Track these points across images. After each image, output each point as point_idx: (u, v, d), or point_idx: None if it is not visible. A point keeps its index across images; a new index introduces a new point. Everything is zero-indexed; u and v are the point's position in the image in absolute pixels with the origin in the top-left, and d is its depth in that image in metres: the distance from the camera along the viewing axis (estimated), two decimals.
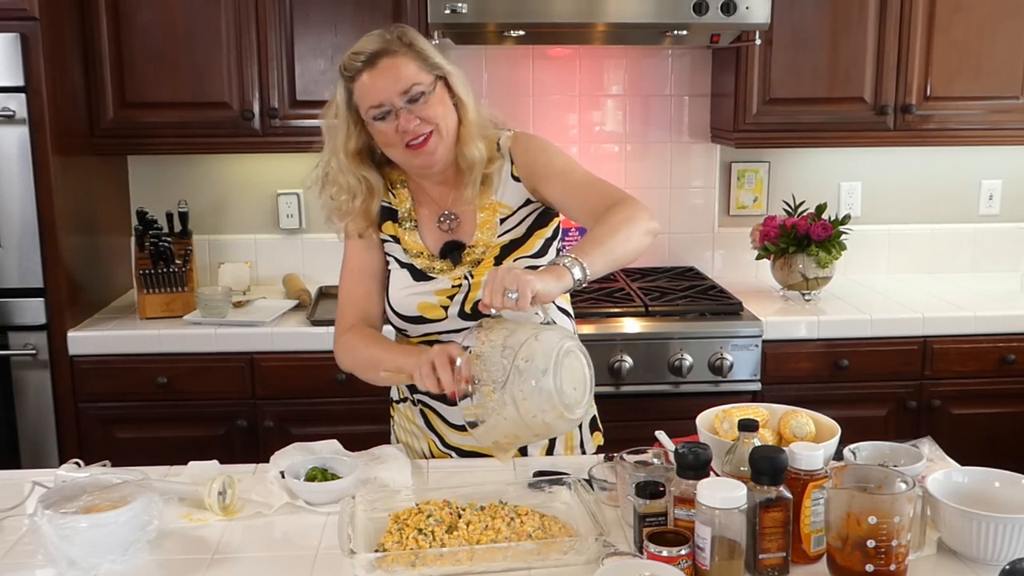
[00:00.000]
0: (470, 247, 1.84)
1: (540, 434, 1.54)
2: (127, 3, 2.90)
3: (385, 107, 1.72)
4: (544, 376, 1.45)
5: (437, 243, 1.86)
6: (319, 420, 2.77)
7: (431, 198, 1.89)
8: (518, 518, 1.48)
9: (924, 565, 1.40)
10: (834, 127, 3.11)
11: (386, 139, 1.76)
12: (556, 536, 1.45)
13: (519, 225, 1.85)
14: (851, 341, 2.92)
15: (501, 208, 1.85)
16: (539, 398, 1.45)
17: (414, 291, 1.83)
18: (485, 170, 1.82)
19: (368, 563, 1.39)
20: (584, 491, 1.55)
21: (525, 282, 1.45)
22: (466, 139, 1.79)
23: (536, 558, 1.42)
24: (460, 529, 1.44)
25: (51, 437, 2.78)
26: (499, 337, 1.50)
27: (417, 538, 1.41)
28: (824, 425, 1.64)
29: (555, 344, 1.48)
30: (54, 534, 1.39)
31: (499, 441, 1.53)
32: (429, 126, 1.74)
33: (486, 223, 1.84)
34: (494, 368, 1.47)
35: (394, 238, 1.88)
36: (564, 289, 1.52)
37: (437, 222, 1.87)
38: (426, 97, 1.72)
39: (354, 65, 1.73)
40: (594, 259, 1.55)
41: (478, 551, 1.40)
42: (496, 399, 1.47)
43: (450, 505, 1.50)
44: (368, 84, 1.72)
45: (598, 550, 1.43)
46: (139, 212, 3.01)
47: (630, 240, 1.62)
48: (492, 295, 1.47)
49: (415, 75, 1.72)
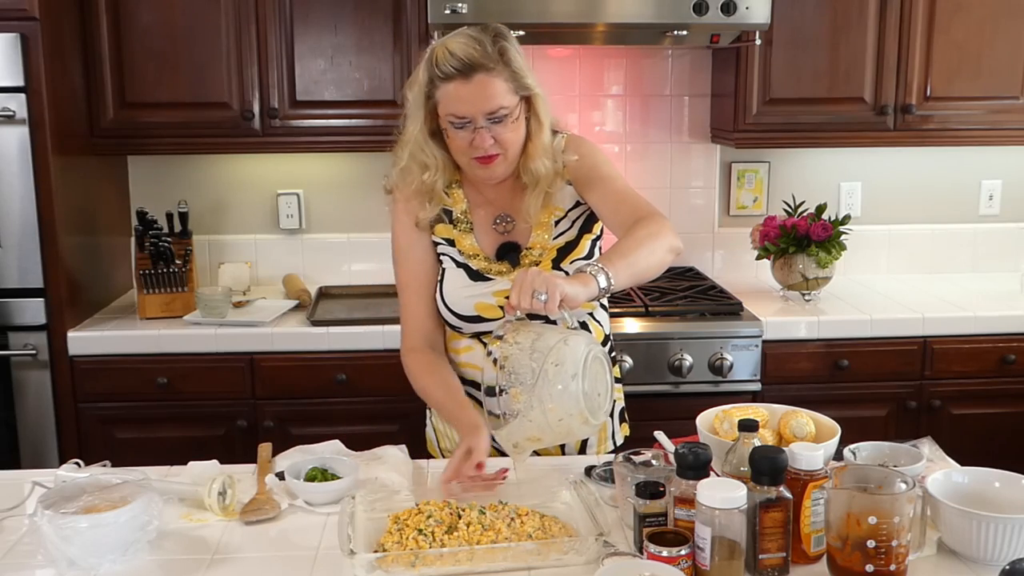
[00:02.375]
0: (527, 249, 1.86)
1: (561, 438, 1.57)
2: (127, 3, 2.90)
3: (466, 119, 1.72)
4: (573, 381, 1.46)
5: (493, 245, 1.88)
6: (319, 420, 2.77)
7: (486, 199, 1.90)
8: (518, 518, 1.48)
9: (924, 565, 1.40)
10: (834, 127, 3.11)
11: (457, 145, 1.77)
12: (556, 536, 1.45)
13: (572, 227, 1.88)
14: (851, 341, 2.92)
15: (555, 211, 1.87)
16: (568, 402, 1.46)
17: (472, 291, 1.84)
18: (549, 188, 1.83)
19: (368, 563, 1.39)
20: (585, 490, 1.56)
21: (554, 285, 1.47)
22: (533, 155, 1.80)
23: (536, 558, 1.42)
24: (460, 530, 1.44)
25: (51, 437, 2.78)
26: (527, 340, 1.51)
27: (417, 538, 1.41)
28: (824, 425, 1.64)
29: (584, 349, 1.49)
30: (54, 534, 1.39)
31: (520, 443, 1.55)
32: (500, 148, 1.75)
33: (542, 225, 1.86)
34: (522, 370, 1.48)
35: (448, 241, 1.89)
36: (590, 296, 1.54)
37: (493, 224, 1.89)
38: (508, 119, 1.73)
39: (448, 69, 1.70)
40: (619, 269, 1.58)
41: (478, 551, 1.40)
42: (524, 401, 1.48)
43: (450, 505, 1.50)
44: (456, 95, 1.72)
45: (598, 550, 1.43)
46: (139, 212, 3.01)
47: (653, 255, 1.65)
48: (521, 296, 1.48)
49: (504, 97, 1.72)
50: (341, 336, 2.82)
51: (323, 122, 2.99)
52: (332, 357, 2.82)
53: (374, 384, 2.81)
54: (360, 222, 3.38)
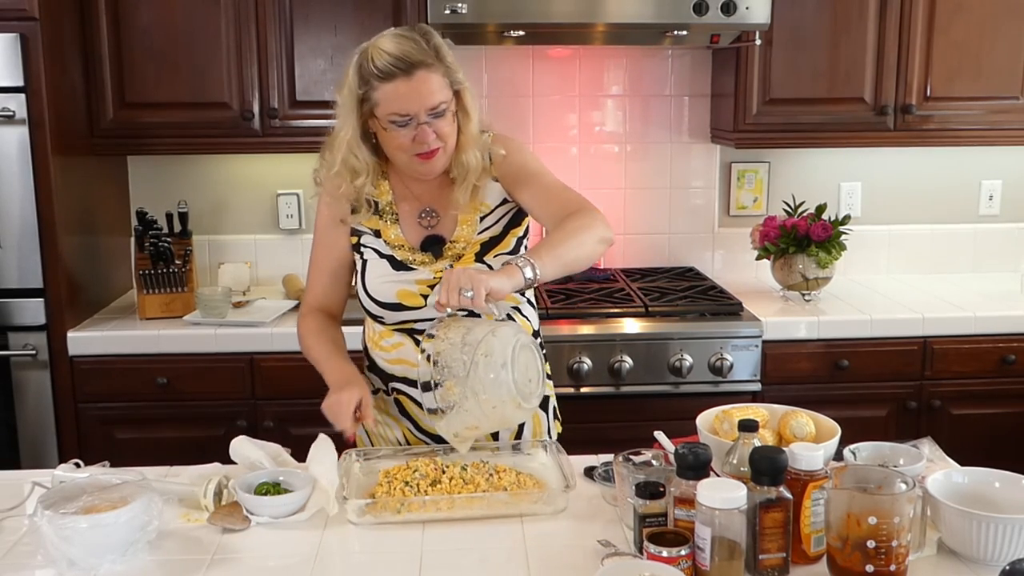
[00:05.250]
0: (451, 242, 1.90)
1: (497, 424, 1.69)
2: (127, 3, 2.90)
3: (409, 117, 1.75)
4: (503, 369, 1.55)
5: (417, 237, 1.91)
6: (319, 420, 2.73)
7: (412, 194, 1.93)
8: (496, 474, 1.65)
9: (924, 565, 1.40)
10: (834, 127, 3.11)
11: (397, 144, 1.79)
12: (529, 489, 1.62)
13: (497, 223, 1.91)
14: (851, 341, 2.92)
15: (482, 207, 1.90)
16: (498, 390, 1.55)
17: (394, 279, 1.88)
18: (477, 182, 1.87)
19: (359, 508, 1.56)
20: (559, 452, 1.73)
21: (479, 281, 1.57)
22: (464, 147, 1.84)
23: (508, 507, 1.59)
24: (443, 483, 1.61)
25: (51, 437, 2.78)
26: (457, 335, 1.60)
27: (403, 489, 1.59)
28: (824, 425, 1.64)
29: (511, 339, 1.58)
30: (54, 534, 1.39)
31: (460, 432, 1.65)
32: (440, 142, 1.79)
33: (466, 220, 1.90)
34: (455, 364, 1.58)
35: (374, 232, 1.92)
36: (516, 287, 1.63)
37: (418, 217, 1.92)
38: (447, 112, 1.78)
39: (389, 68, 1.72)
40: (545, 261, 1.66)
41: (457, 500, 1.57)
42: (458, 392, 1.58)
43: (435, 462, 1.68)
44: (397, 93, 1.73)
45: (565, 501, 1.60)
46: (139, 212, 3.01)
47: (582, 247, 1.72)
48: (449, 294, 1.57)
49: (442, 91, 1.76)
50: None
51: (323, 122, 2.98)
52: None
53: None
54: None
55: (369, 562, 1.48)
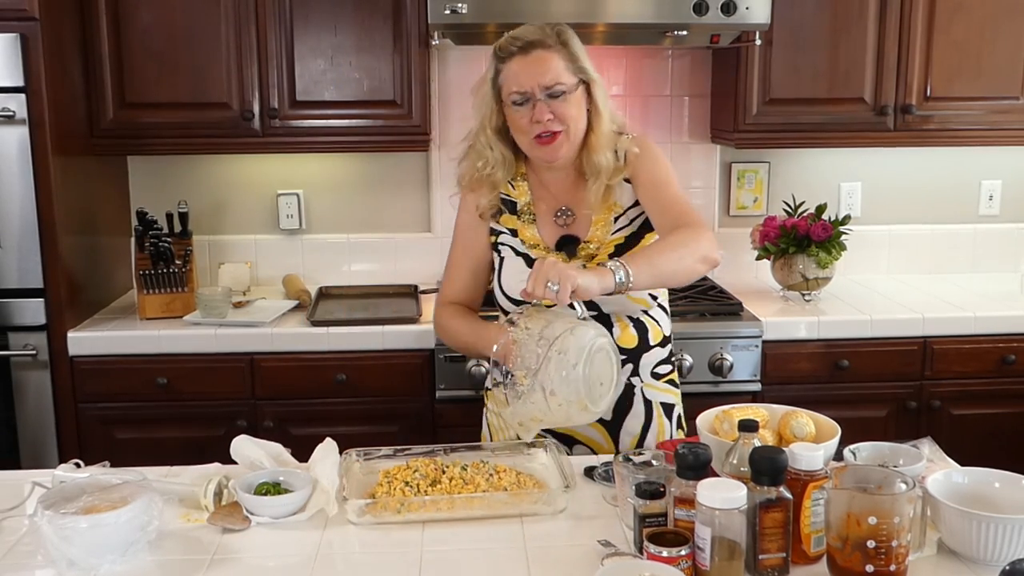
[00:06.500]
0: (585, 242, 1.92)
1: (562, 421, 1.68)
2: (127, 3, 2.90)
3: (526, 94, 1.81)
4: (574, 369, 1.53)
5: (553, 237, 1.95)
6: (319, 420, 2.77)
7: (550, 193, 1.96)
8: (496, 475, 1.65)
9: (924, 565, 1.40)
10: (834, 127, 3.11)
11: (518, 125, 1.85)
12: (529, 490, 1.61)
13: (631, 224, 1.93)
14: (851, 341, 2.92)
15: (615, 207, 1.92)
16: (566, 389, 1.54)
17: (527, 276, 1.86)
18: (609, 181, 1.89)
19: (358, 508, 1.56)
20: (560, 452, 1.71)
21: (567, 277, 1.56)
22: (595, 147, 1.88)
23: (508, 507, 1.58)
24: (443, 483, 1.61)
25: (51, 437, 2.78)
26: (537, 326, 1.60)
27: (403, 489, 1.59)
28: (824, 425, 1.64)
29: (588, 341, 1.56)
30: (54, 535, 1.39)
31: (524, 422, 1.66)
32: (561, 125, 1.83)
33: (600, 221, 1.92)
34: (528, 355, 1.57)
35: (512, 231, 1.96)
36: (604, 289, 1.62)
37: (554, 217, 1.95)
38: (565, 96, 1.82)
39: (509, 49, 1.83)
40: (641, 269, 1.66)
41: (457, 500, 1.57)
42: (527, 384, 1.57)
43: (435, 463, 1.68)
44: (516, 70, 1.83)
45: (565, 501, 1.58)
46: (139, 212, 3.01)
47: (680, 261, 1.73)
48: (535, 285, 1.58)
49: (561, 73, 1.82)
50: (341, 336, 2.82)
51: (323, 122, 2.99)
52: (332, 357, 2.82)
53: (374, 384, 2.81)
54: (360, 222, 3.38)
55: (369, 562, 1.48)
